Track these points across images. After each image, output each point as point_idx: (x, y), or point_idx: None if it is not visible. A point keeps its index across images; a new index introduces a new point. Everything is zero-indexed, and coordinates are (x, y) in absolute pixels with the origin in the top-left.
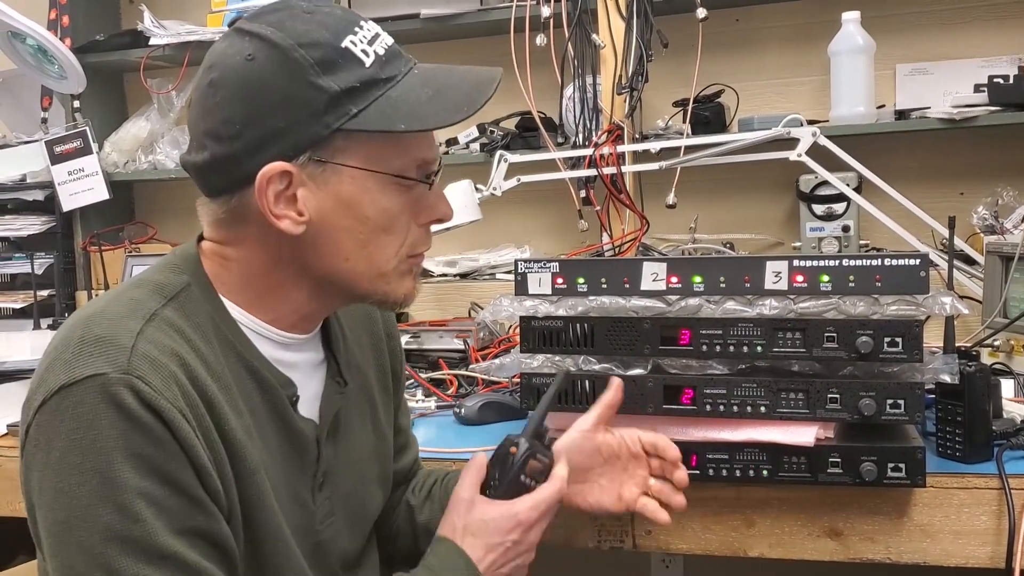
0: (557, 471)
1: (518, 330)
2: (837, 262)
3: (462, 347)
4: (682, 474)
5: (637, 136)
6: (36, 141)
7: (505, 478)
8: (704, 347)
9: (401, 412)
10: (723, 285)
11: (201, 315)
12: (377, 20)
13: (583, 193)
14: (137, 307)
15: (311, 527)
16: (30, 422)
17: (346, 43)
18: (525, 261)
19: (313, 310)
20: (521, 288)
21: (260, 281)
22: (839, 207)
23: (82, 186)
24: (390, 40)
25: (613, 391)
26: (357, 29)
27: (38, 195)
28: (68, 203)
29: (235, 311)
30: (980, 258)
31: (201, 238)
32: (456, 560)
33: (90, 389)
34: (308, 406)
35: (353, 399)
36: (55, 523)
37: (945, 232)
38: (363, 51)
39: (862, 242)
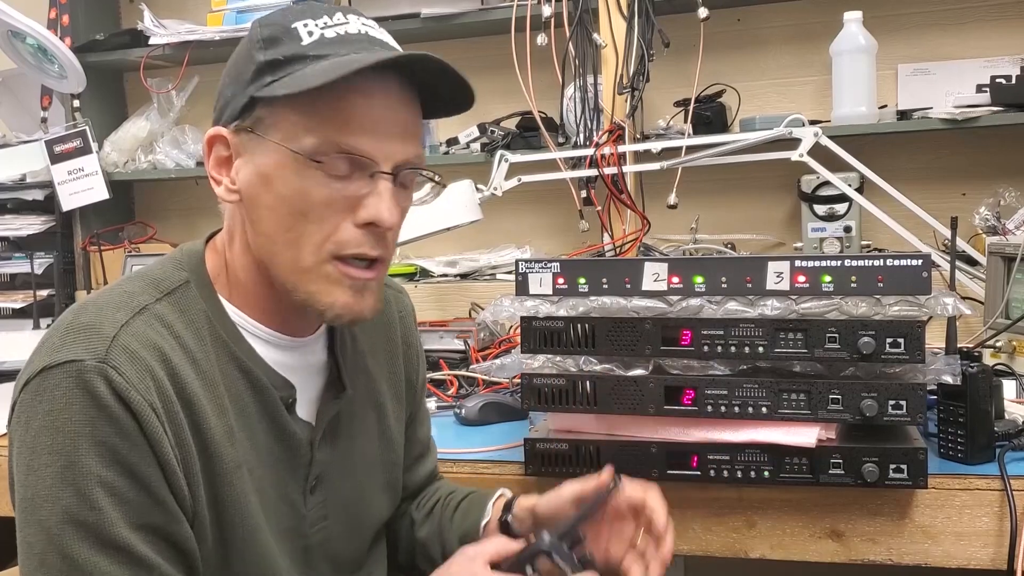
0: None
1: (519, 330)
2: (839, 262)
3: (463, 347)
4: (667, 549)
5: (638, 136)
6: (36, 140)
7: (513, 558)
8: (705, 347)
9: (418, 422)
10: (724, 285)
11: (196, 312)
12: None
13: (584, 193)
14: (128, 299)
15: (300, 529)
16: (15, 400)
17: (296, 24)
18: (526, 261)
19: (287, 308)
20: (522, 288)
21: (239, 271)
22: (841, 207)
23: (82, 186)
24: (360, 31)
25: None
26: (325, 16)
27: (38, 195)
28: (68, 203)
29: (233, 312)
30: (982, 259)
31: (211, 236)
32: None
33: (67, 374)
34: (306, 409)
35: (357, 405)
36: (23, 499)
37: (947, 233)
38: (309, 32)
39: (864, 242)
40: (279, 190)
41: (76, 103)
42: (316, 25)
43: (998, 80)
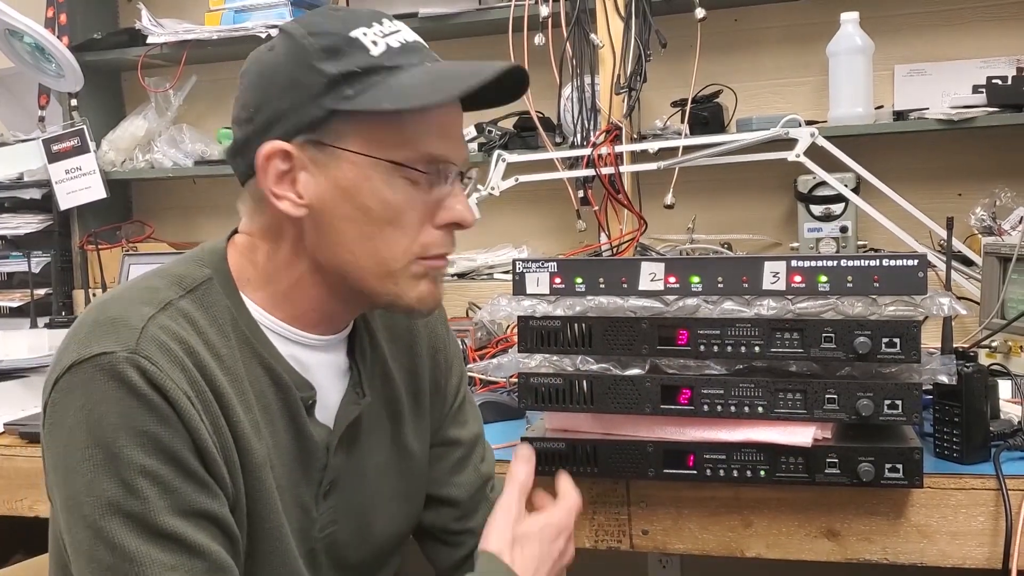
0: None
1: (516, 330)
2: (835, 263)
3: (460, 347)
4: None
5: (635, 136)
6: (33, 139)
7: None
8: (702, 347)
9: (457, 424)
10: (721, 285)
11: (219, 309)
12: None
13: (581, 193)
14: (153, 295)
15: (309, 532)
16: (46, 401)
17: (356, 33)
18: (523, 261)
19: (334, 311)
20: (519, 288)
21: (281, 275)
22: (837, 208)
23: (79, 185)
24: (414, 37)
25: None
26: (375, 24)
27: (35, 193)
28: (65, 202)
29: (255, 310)
30: (978, 259)
31: (233, 234)
32: None
33: (98, 367)
34: (326, 412)
35: (374, 411)
36: (65, 499)
37: (943, 233)
38: (373, 41)
39: (860, 243)
40: (364, 201)
41: (74, 102)
42: (375, 34)
43: (994, 81)
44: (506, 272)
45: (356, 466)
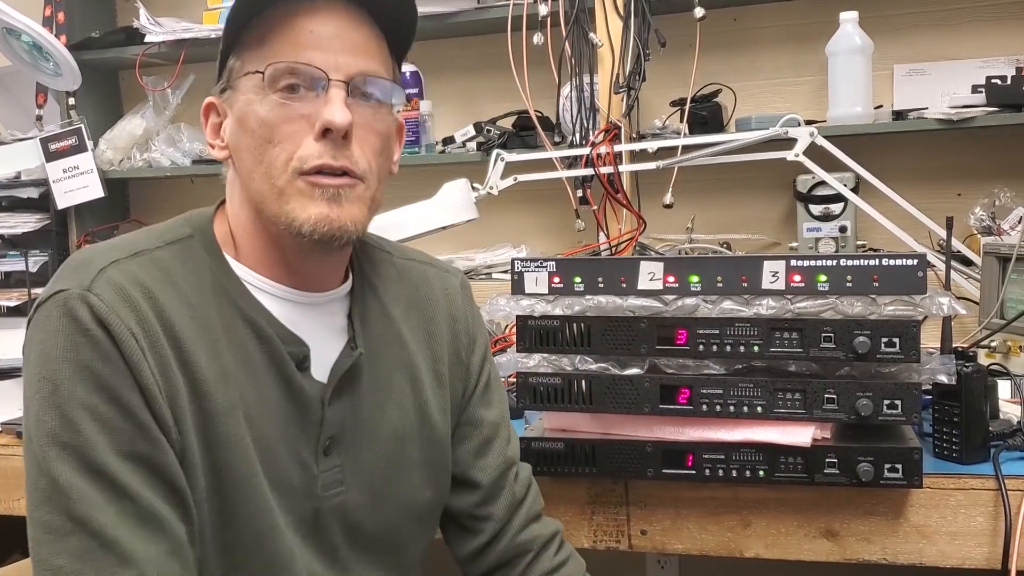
0: None
1: (514, 329)
2: (834, 262)
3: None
4: None
5: (634, 135)
6: (31, 138)
7: None
8: (701, 347)
9: (484, 404)
10: (720, 285)
11: (197, 262)
12: None
13: (580, 192)
14: (128, 244)
15: (311, 491)
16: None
17: None
18: (522, 260)
19: (290, 260)
20: (518, 287)
21: (241, 230)
22: (836, 207)
23: (77, 184)
24: None
25: None
26: None
27: (33, 193)
28: (63, 201)
29: (241, 269)
30: (977, 259)
31: (221, 204)
32: None
33: (55, 303)
34: (322, 369)
35: (384, 372)
36: (23, 431)
37: (942, 233)
38: None
39: (859, 242)
40: (249, 125)
41: (71, 101)
42: None
43: (993, 80)
44: (505, 271)
45: (365, 426)
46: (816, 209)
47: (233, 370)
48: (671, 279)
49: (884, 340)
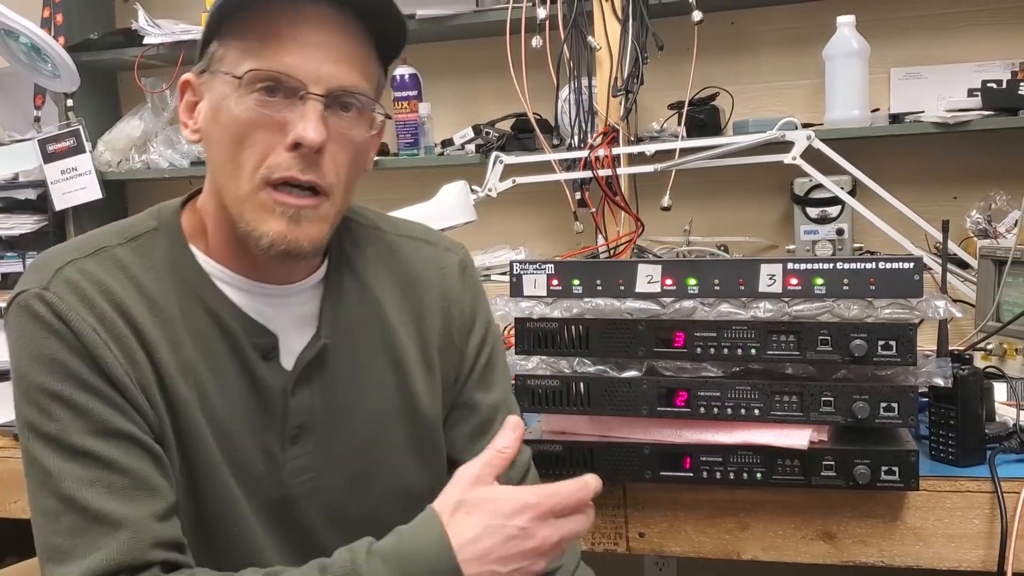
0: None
1: (513, 332)
2: (831, 265)
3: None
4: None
5: (632, 138)
6: (29, 140)
7: None
8: (698, 349)
9: (480, 387)
10: (717, 288)
11: (157, 257)
12: None
13: (578, 195)
14: (88, 242)
15: (277, 478)
16: None
17: None
18: (520, 262)
19: (255, 256)
20: (516, 289)
21: (214, 220)
22: (833, 210)
23: (75, 185)
24: None
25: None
26: None
27: (30, 194)
28: (61, 202)
29: (206, 261)
30: (973, 262)
31: (195, 194)
32: (430, 535)
33: (17, 305)
34: (292, 359)
35: (363, 355)
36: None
37: (939, 236)
38: None
39: (856, 245)
40: (222, 120)
41: (69, 102)
42: None
43: (989, 84)
44: (503, 274)
45: (339, 411)
46: (813, 212)
47: (194, 362)
48: (669, 282)
49: (881, 343)
